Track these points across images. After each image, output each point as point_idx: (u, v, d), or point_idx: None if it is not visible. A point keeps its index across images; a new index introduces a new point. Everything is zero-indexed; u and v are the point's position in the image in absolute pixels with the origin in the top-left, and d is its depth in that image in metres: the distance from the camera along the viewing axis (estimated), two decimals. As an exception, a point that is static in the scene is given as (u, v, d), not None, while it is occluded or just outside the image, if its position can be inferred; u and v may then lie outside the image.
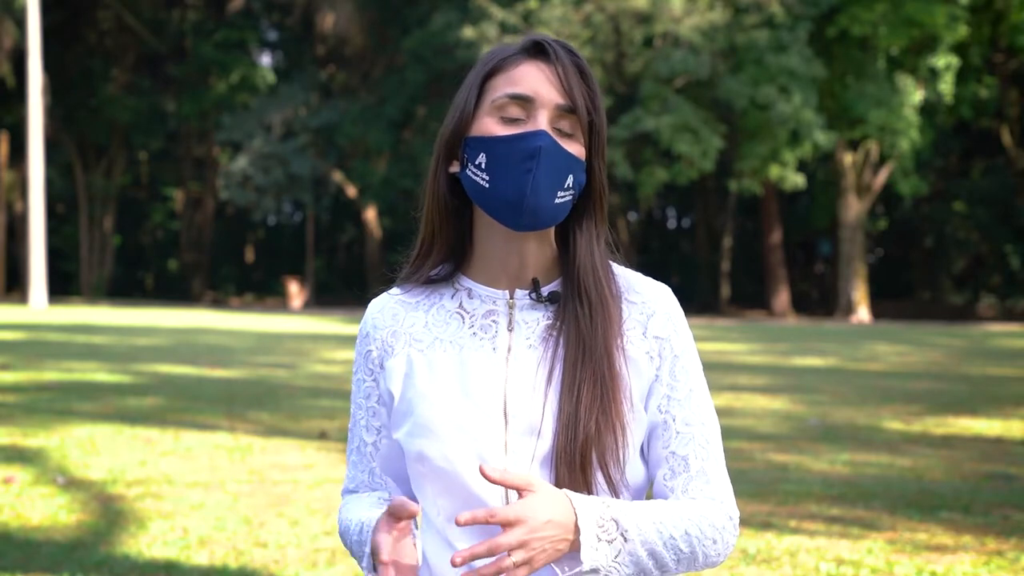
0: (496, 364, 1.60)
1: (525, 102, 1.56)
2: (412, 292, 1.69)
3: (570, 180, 1.57)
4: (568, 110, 1.56)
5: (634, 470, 1.61)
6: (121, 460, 6.46)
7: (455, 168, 1.62)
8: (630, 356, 1.61)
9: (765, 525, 4.92)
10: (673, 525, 1.53)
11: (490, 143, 1.56)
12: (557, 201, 1.56)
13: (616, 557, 1.47)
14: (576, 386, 1.55)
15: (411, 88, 35.06)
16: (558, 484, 1.53)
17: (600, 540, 1.46)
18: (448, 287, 1.67)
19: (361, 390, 1.70)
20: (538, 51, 1.59)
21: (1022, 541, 4.65)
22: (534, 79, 1.56)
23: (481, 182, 1.56)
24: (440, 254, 1.65)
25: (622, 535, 1.48)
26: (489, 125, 1.57)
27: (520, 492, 1.45)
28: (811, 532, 4.81)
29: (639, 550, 1.48)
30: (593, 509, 1.47)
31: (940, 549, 4.53)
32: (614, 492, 1.57)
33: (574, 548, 1.46)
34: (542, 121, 1.55)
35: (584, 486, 1.54)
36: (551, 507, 1.44)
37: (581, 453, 1.53)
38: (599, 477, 1.56)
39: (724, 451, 1.68)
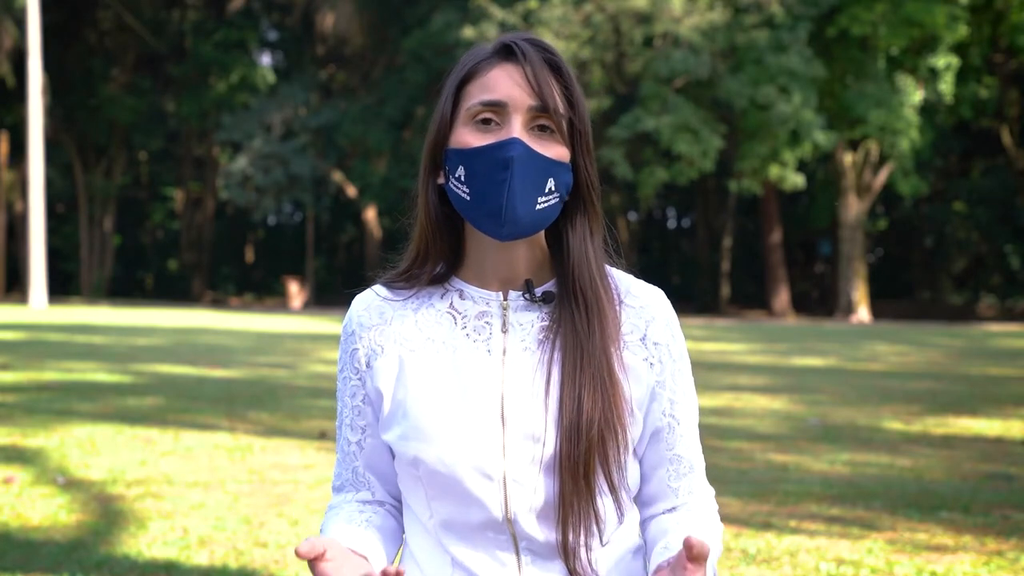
0: (492, 367, 1.58)
1: (498, 108, 1.53)
2: (399, 291, 1.66)
3: (551, 184, 1.54)
4: (541, 109, 1.53)
5: (632, 471, 1.63)
6: (121, 460, 6.45)
7: (442, 180, 1.60)
8: (628, 364, 1.60)
9: (765, 525, 4.92)
10: (714, 543, 1.62)
11: (467, 155, 1.53)
12: (539, 207, 1.53)
13: None
14: (576, 392, 1.54)
15: (411, 88, 35.07)
16: (562, 491, 1.54)
17: None
18: (438, 287, 1.65)
19: (348, 388, 1.67)
20: (507, 53, 1.56)
21: (1022, 541, 4.65)
22: (505, 83, 1.53)
23: (463, 195, 1.54)
24: (435, 263, 1.63)
25: None
26: (465, 136, 1.55)
27: None
28: (811, 532, 4.81)
29: None
30: None
31: (940, 549, 4.53)
32: (615, 494, 1.57)
33: None
34: (516, 126, 1.52)
35: (587, 491, 1.55)
36: None
37: (585, 462, 1.53)
38: (601, 481, 1.56)
39: (723, 451, 1.71)
